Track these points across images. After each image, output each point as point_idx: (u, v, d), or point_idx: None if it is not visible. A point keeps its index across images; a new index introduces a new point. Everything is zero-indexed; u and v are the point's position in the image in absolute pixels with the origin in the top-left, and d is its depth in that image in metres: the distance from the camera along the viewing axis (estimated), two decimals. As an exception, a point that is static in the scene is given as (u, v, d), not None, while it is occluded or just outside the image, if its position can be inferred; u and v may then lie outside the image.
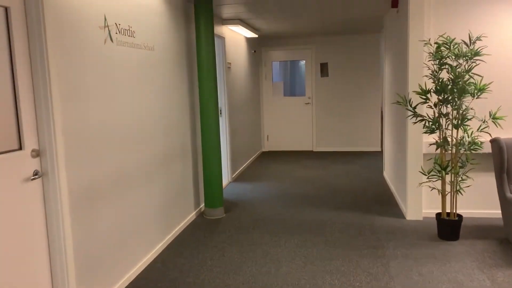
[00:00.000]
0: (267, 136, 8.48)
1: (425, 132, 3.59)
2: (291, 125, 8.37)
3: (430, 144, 3.87)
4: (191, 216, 4.36)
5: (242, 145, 6.73)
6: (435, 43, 3.49)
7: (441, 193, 3.65)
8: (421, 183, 3.99)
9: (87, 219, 2.58)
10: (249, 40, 7.33)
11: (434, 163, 3.63)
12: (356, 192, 5.20)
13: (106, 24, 2.80)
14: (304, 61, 8.29)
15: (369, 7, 5.11)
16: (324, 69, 8.13)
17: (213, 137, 4.31)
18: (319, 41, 8.06)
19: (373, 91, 7.96)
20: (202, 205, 4.69)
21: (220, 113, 5.86)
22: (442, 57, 3.47)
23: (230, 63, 6.05)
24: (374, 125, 8.05)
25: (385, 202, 4.76)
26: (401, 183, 4.49)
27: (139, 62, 3.24)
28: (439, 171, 3.59)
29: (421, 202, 4.14)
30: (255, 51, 7.59)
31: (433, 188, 3.74)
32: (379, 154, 7.74)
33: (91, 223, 2.62)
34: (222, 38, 5.72)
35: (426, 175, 3.64)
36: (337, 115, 8.17)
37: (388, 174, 5.63)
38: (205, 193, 4.40)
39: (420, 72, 3.97)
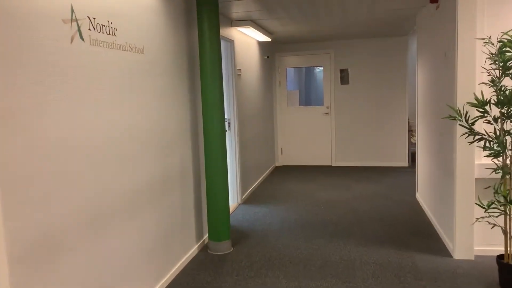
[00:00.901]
0: (281, 149, 7.76)
1: (488, 155, 2.83)
2: (308, 137, 7.63)
3: (494, 171, 3.00)
4: (193, 251, 3.65)
5: (253, 161, 6.02)
6: (499, 41, 2.75)
7: (506, 232, 2.87)
8: (478, 219, 3.21)
9: (40, 281, 1.88)
10: (261, 45, 6.65)
11: (495, 192, 2.86)
12: (388, 220, 4.43)
13: (73, 18, 2.12)
14: (322, 67, 7.57)
15: (401, 3, 4.38)
16: (344, 76, 7.40)
17: (218, 156, 3.61)
18: (338, 45, 7.34)
19: (399, 100, 7.19)
20: (206, 236, 3.98)
21: (229, 126, 5.16)
22: (508, 60, 2.72)
23: (240, 70, 5.37)
24: (400, 138, 7.27)
25: (423, 234, 3.98)
26: (445, 214, 3.71)
27: (122, 67, 2.56)
28: (503, 204, 2.82)
29: (473, 238, 3.36)
30: (268, 57, 6.90)
31: (494, 225, 2.97)
32: (407, 170, 6.95)
33: (47, 285, 1.92)
34: (230, 42, 5.04)
35: (485, 208, 2.87)
36: (358, 127, 7.41)
37: (423, 196, 4.85)
38: (209, 223, 3.69)
39: (472, 78, 3.22)
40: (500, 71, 2.78)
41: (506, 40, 2.71)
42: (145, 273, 2.82)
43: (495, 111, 2.99)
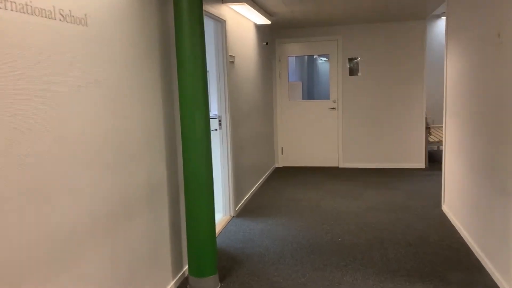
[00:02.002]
0: (282, 148, 6.91)
1: None
2: (312, 135, 6.78)
3: None
4: (168, 289, 2.82)
5: (249, 164, 5.17)
6: None
7: None
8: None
9: None
10: (259, 29, 5.77)
11: None
12: (414, 243, 3.59)
13: None
14: (325, 58, 6.69)
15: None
16: (353, 66, 6.53)
17: (201, 167, 2.76)
18: (347, 31, 6.46)
19: (416, 94, 6.33)
20: (186, 267, 3.14)
21: (219, 125, 4.31)
22: None
23: (233, 57, 4.50)
24: (417, 136, 6.42)
25: (463, 264, 3.15)
26: (496, 241, 2.87)
27: (46, 45, 1.70)
28: None
29: (536, 277, 2.53)
30: (267, 43, 6.03)
31: None
32: (425, 174, 6.10)
33: None
34: (221, 22, 4.17)
35: None
36: (369, 123, 6.55)
37: (453, 210, 4.01)
38: (189, 255, 2.84)
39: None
40: None
41: None
42: None
43: None
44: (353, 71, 6.53)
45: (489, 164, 2.96)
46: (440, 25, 7.44)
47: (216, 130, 4.46)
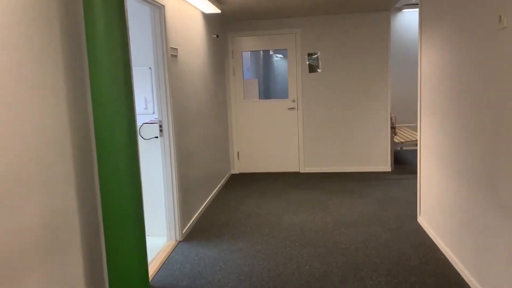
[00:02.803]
0: (238, 153, 6.25)
1: None
2: (270, 138, 6.17)
3: None
4: None
5: (200, 175, 4.47)
6: None
7: None
8: None
9: None
10: (208, 19, 5.07)
11: None
12: (393, 269, 3.05)
13: None
14: (282, 55, 6.10)
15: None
16: (313, 62, 5.98)
17: (123, 188, 2.04)
18: (305, 24, 5.89)
19: (380, 91, 5.88)
20: (114, 322, 2.41)
21: (160, 131, 3.58)
22: None
23: (176, 50, 3.79)
24: (381, 137, 5.97)
25: (454, 295, 2.63)
26: (495, 269, 2.36)
27: None
28: None
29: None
30: (217, 36, 5.34)
31: None
32: (392, 178, 5.66)
33: None
34: (159, 7, 3.44)
35: None
36: (331, 124, 6.03)
37: (433, 225, 3.52)
38: (112, 312, 2.12)
39: None
40: None
41: None
42: None
43: None
44: (312, 68, 5.98)
45: (487, 175, 2.45)
46: (402, 19, 7.07)
47: (156, 137, 3.73)
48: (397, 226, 3.84)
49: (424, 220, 3.75)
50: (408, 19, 7.09)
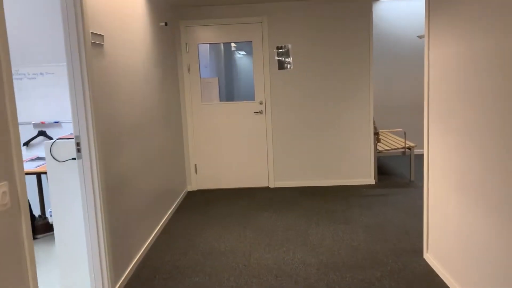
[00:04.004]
0: (195, 166, 5.24)
1: None
2: (234, 147, 5.19)
3: None
4: None
5: (140, 204, 3.43)
6: None
7: None
8: None
9: None
10: (153, 2, 4.03)
11: None
12: None
13: None
14: (245, 52, 5.14)
15: None
16: (283, 57, 5.05)
17: None
18: (273, 10, 4.96)
19: (361, 91, 5.03)
20: None
21: (79, 151, 2.53)
22: None
23: (101, 37, 2.73)
24: (363, 144, 5.13)
25: None
26: None
27: None
28: None
29: None
30: (166, 24, 4.30)
31: None
32: (378, 193, 4.82)
33: None
34: (69, -27, 2.38)
35: None
36: (305, 129, 5.13)
37: (447, 265, 2.66)
38: None
39: None
40: None
41: None
42: None
43: None
44: (282, 64, 5.06)
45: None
46: (379, 10, 6.28)
47: (74, 159, 2.67)
48: (399, 267, 2.96)
49: (435, 258, 2.89)
50: (386, 10, 6.31)
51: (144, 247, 3.37)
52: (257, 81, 5.07)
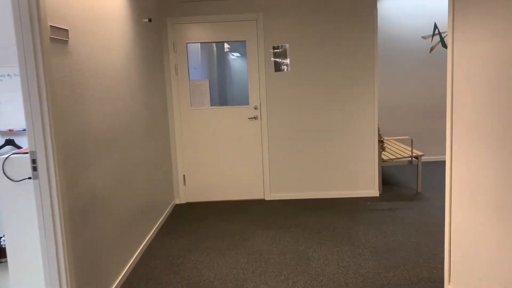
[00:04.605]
0: (184, 177, 4.79)
1: None
2: (226, 155, 4.75)
3: None
4: None
5: (115, 229, 2.98)
6: None
7: None
8: None
9: None
10: (135, -4, 3.59)
11: None
12: None
13: None
14: (238, 53, 4.71)
15: None
16: (280, 58, 4.63)
17: None
18: (270, 6, 4.53)
19: (365, 96, 4.62)
20: None
21: (35, 170, 2.09)
22: None
23: (65, 32, 2.29)
24: (367, 153, 4.71)
25: None
26: None
27: None
28: None
29: None
30: (150, 20, 3.86)
31: None
32: (383, 206, 4.40)
33: None
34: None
35: None
36: (304, 137, 4.71)
37: (481, 308, 2.24)
38: None
39: None
40: None
41: None
42: None
43: None
44: (279, 65, 4.63)
45: None
46: (381, 8, 5.89)
47: (30, 178, 2.23)
48: (417, 302, 2.54)
49: (459, 292, 2.47)
50: (389, 9, 5.91)
51: (120, 278, 2.92)
52: (251, 84, 4.64)
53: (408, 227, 3.72)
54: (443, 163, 6.12)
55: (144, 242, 3.50)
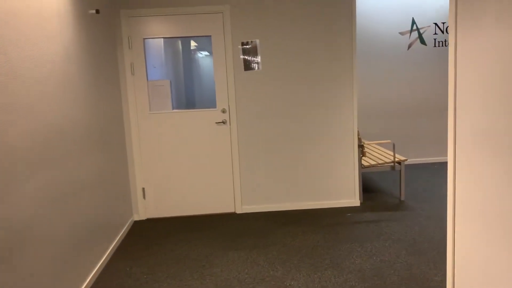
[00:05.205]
0: (143, 190, 4.25)
1: None
2: (191, 164, 4.24)
3: None
4: None
5: (52, 257, 2.44)
6: None
7: None
8: None
9: None
10: (77, -18, 3.03)
11: None
12: None
13: None
14: (207, 52, 4.21)
15: None
16: (249, 56, 4.16)
17: None
18: (238, -1, 4.06)
19: (343, 95, 4.21)
20: None
21: None
22: None
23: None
24: (346, 159, 4.32)
25: None
26: None
27: None
28: None
29: None
30: (98, 11, 3.30)
31: None
32: (365, 217, 4.01)
33: None
34: None
35: None
36: (278, 142, 4.26)
37: None
38: None
39: None
40: None
41: None
42: None
43: None
44: (249, 64, 4.16)
45: None
46: (358, 3, 5.52)
47: None
48: None
49: (465, 332, 2.07)
50: (366, 4, 5.56)
51: (59, 322, 2.38)
52: (218, 84, 4.15)
53: (395, 245, 3.34)
54: (425, 165, 5.82)
55: (95, 270, 2.95)
